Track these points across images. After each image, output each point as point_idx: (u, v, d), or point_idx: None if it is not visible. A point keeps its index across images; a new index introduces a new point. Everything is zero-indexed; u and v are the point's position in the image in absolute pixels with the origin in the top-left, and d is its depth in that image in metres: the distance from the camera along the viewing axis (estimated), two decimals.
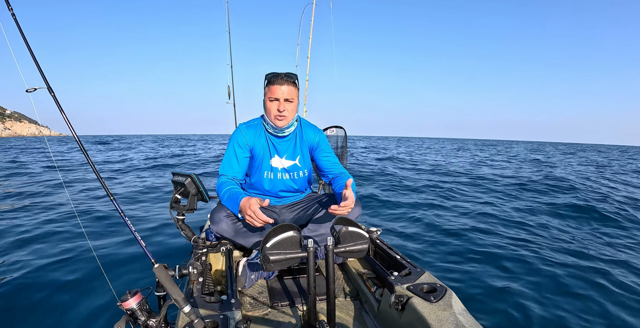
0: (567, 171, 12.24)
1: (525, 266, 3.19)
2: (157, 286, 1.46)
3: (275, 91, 1.77)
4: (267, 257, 1.19)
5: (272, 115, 1.81)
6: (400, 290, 1.36)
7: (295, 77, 1.82)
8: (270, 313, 1.51)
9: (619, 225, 4.88)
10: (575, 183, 8.55)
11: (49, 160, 14.18)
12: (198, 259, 1.69)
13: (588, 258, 3.43)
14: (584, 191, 7.44)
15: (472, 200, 6.50)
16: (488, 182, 8.90)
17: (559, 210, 5.67)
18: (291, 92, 1.78)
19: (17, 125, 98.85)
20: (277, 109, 1.79)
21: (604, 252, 3.63)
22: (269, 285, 1.73)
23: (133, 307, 1.22)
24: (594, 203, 6.10)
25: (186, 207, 1.74)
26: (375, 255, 1.87)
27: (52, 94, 1.52)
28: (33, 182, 8.27)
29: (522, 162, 16.56)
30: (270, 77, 1.79)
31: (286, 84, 1.77)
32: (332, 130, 2.82)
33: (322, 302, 1.57)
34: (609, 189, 7.97)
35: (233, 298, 1.29)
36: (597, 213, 5.42)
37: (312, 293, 1.23)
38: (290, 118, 1.84)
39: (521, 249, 3.62)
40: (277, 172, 1.96)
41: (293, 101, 1.81)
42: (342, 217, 1.36)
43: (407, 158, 16.84)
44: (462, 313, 1.19)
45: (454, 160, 16.34)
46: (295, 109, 1.85)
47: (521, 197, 6.87)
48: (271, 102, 1.80)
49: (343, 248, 1.28)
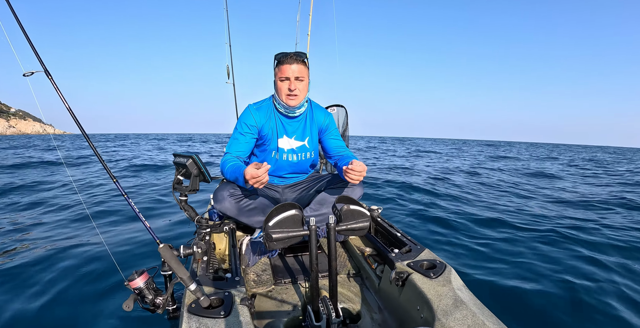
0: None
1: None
2: (163, 265, 1.49)
3: (285, 70, 1.75)
4: (270, 235, 1.21)
5: (284, 95, 1.80)
6: (401, 266, 1.39)
7: (304, 56, 1.80)
8: (273, 290, 1.55)
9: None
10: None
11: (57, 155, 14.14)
12: (202, 239, 1.71)
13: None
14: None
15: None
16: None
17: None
18: (301, 71, 1.77)
19: (22, 123, 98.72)
20: (289, 88, 1.77)
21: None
22: (272, 263, 1.76)
23: (140, 286, 1.25)
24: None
25: (188, 188, 1.75)
26: (376, 232, 1.90)
27: (49, 77, 1.50)
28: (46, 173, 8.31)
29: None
30: (279, 57, 1.77)
31: (296, 63, 1.75)
32: (332, 109, 2.80)
33: (324, 278, 1.60)
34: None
35: (237, 276, 1.31)
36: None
37: (315, 270, 1.26)
38: (302, 97, 1.83)
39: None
40: (284, 153, 1.96)
41: (304, 80, 1.79)
42: (344, 196, 1.37)
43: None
44: (461, 288, 1.22)
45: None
46: (306, 88, 1.84)
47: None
48: (282, 82, 1.78)
49: (345, 226, 1.30)
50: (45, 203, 4.87)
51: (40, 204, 4.84)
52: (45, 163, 10.09)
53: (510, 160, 17.22)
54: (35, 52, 1.45)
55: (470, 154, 21.31)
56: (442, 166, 11.96)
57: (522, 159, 18.26)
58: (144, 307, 1.29)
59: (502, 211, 4.76)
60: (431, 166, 11.83)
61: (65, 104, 1.52)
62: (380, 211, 2.02)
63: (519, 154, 24.54)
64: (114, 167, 9.67)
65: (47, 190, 5.86)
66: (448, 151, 24.65)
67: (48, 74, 1.49)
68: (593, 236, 3.60)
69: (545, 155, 24.62)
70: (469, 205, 5.11)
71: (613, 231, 3.83)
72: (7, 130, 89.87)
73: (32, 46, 1.46)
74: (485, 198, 5.75)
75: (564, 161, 18.37)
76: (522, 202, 5.60)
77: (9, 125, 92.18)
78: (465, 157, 17.81)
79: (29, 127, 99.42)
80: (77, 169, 8.91)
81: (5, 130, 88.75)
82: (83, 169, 8.56)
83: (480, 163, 14.08)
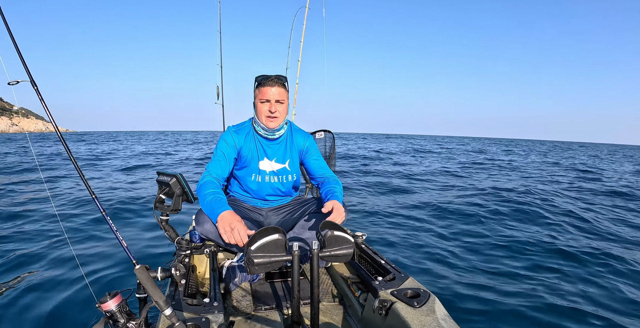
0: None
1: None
2: (138, 288, 1.43)
3: (265, 92, 1.78)
4: (252, 259, 1.18)
5: (264, 117, 1.82)
6: (384, 295, 1.36)
7: (284, 79, 1.85)
8: (253, 317, 1.50)
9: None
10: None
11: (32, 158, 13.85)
12: (181, 261, 1.66)
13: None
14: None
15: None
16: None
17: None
18: (281, 94, 1.80)
19: (24, 122, 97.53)
20: (269, 110, 1.80)
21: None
22: (253, 288, 1.72)
23: (112, 309, 1.19)
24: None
25: (170, 208, 1.71)
26: (360, 259, 1.87)
27: (35, 87, 1.48)
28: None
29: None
30: (260, 79, 1.81)
31: (277, 86, 1.79)
32: (320, 134, 2.83)
33: (306, 305, 1.56)
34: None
35: (216, 301, 1.27)
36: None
37: (296, 296, 1.23)
38: (282, 119, 1.85)
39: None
40: (265, 175, 1.95)
41: (284, 102, 1.83)
42: (328, 221, 1.36)
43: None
44: (445, 318, 1.20)
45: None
46: (285, 111, 1.86)
47: None
48: (262, 104, 1.81)
49: (328, 253, 1.28)
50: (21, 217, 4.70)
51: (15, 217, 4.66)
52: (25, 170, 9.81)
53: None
54: (24, 62, 1.44)
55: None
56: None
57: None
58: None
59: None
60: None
61: (50, 116, 1.50)
62: (365, 237, 2.01)
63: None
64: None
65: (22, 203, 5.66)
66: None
67: (33, 83, 1.47)
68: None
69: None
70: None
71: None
72: (10, 128, 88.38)
73: (20, 56, 1.44)
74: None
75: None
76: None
77: (12, 124, 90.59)
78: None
79: (32, 125, 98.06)
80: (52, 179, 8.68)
81: (8, 129, 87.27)
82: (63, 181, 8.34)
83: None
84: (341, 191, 1.89)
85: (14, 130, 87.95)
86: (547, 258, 3.57)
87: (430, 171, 11.51)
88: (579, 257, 3.58)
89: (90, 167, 10.90)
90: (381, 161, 14.95)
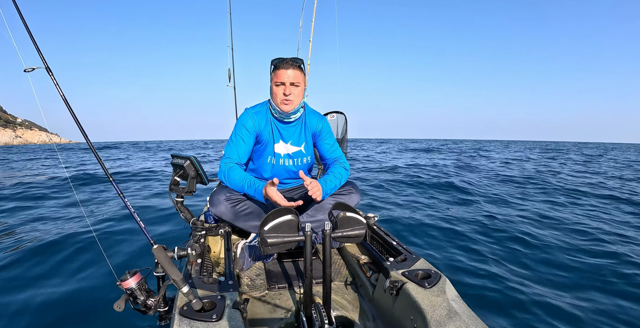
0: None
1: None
2: (156, 267, 1.48)
3: (281, 75, 1.75)
4: (265, 239, 1.21)
5: (279, 100, 1.80)
6: (395, 275, 1.38)
7: (301, 62, 1.81)
8: (267, 295, 1.54)
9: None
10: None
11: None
12: (197, 241, 1.70)
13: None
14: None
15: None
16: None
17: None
18: (297, 76, 1.77)
19: (28, 133, 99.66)
20: (284, 93, 1.77)
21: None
22: (266, 267, 1.75)
23: (132, 287, 1.24)
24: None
25: (185, 190, 1.74)
26: (372, 240, 1.89)
27: (50, 73, 1.50)
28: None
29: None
30: (276, 62, 1.78)
31: (292, 68, 1.76)
32: (332, 116, 2.80)
33: (319, 285, 1.59)
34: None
35: (231, 280, 1.30)
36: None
37: (309, 276, 1.25)
38: (297, 102, 1.83)
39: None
40: (280, 158, 1.95)
41: (299, 85, 1.80)
42: (341, 203, 1.36)
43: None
44: (455, 299, 1.21)
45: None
46: (301, 94, 1.84)
47: None
48: (277, 87, 1.78)
49: (340, 233, 1.29)
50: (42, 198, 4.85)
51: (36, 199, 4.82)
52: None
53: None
54: (38, 49, 1.45)
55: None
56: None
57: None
58: (135, 308, 1.28)
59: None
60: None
61: (66, 102, 1.52)
62: (377, 219, 2.02)
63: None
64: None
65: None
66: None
67: (49, 70, 1.49)
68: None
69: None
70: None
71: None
72: (14, 140, 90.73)
73: (34, 42, 1.46)
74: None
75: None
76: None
77: (16, 136, 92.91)
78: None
79: (35, 136, 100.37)
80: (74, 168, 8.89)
81: (12, 140, 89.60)
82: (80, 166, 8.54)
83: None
84: (343, 175, 1.90)
85: (18, 142, 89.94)
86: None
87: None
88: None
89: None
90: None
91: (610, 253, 3.11)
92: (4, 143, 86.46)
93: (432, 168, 10.34)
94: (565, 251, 3.17)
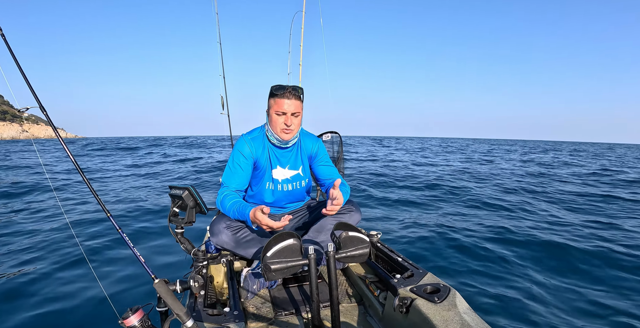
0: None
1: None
2: (159, 301, 1.44)
3: (281, 105, 1.76)
4: (269, 266, 1.19)
5: (279, 129, 1.81)
6: (404, 292, 1.35)
7: (301, 92, 1.82)
8: (274, 323, 1.50)
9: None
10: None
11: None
12: (199, 272, 1.67)
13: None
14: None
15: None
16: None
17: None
18: (297, 106, 1.79)
19: (34, 128, 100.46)
20: (285, 123, 1.78)
21: None
22: (271, 294, 1.72)
23: (135, 324, 1.20)
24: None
25: (184, 220, 1.73)
26: (377, 258, 1.86)
27: (44, 112, 1.51)
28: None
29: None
30: (276, 90, 1.78)
31: (293, 98, 1.76)
32: (327, 136, 2.82)
33: (326, 308, 1.56)
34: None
35: (236, 310, 1.27)
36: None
37: (316, 300, 1.22)
38: (296, 131, 1.85)
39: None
40: (278, 183, 1.95)
41: (299, 115, 1.82)
42: (342, 222, 1.35)
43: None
44: (467, 312, 1.18)
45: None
46: (300, 123, 1.86)
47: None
48: (278, 116, 1.79)
49: (344, 254, 1.27)
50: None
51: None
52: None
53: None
54: (32, 89, 1.47)
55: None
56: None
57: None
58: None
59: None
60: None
61: (60, 139, 1.52)
62: (380, 236, 2.00)
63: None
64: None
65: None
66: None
67: (43, 109, 1.50)
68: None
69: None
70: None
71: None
72: (21, 134, 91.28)
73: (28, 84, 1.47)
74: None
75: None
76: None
77: (22, 130, 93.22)
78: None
79: (42, 131, 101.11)
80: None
81: (19, 135, 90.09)
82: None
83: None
84: (347, 193, 1.89)
85: (24, 137, 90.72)
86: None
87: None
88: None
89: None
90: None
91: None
92: (11, 137, 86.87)
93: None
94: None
